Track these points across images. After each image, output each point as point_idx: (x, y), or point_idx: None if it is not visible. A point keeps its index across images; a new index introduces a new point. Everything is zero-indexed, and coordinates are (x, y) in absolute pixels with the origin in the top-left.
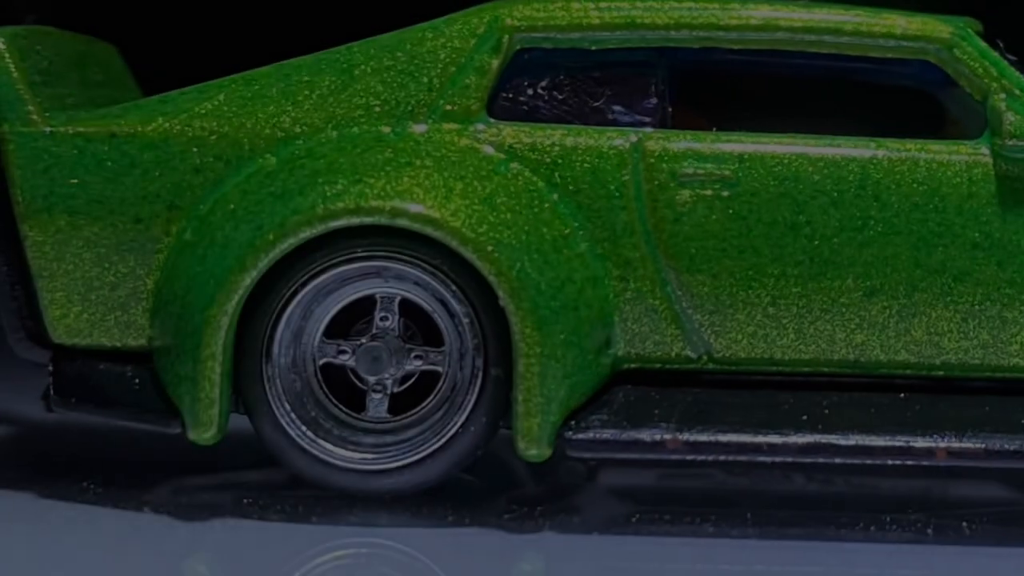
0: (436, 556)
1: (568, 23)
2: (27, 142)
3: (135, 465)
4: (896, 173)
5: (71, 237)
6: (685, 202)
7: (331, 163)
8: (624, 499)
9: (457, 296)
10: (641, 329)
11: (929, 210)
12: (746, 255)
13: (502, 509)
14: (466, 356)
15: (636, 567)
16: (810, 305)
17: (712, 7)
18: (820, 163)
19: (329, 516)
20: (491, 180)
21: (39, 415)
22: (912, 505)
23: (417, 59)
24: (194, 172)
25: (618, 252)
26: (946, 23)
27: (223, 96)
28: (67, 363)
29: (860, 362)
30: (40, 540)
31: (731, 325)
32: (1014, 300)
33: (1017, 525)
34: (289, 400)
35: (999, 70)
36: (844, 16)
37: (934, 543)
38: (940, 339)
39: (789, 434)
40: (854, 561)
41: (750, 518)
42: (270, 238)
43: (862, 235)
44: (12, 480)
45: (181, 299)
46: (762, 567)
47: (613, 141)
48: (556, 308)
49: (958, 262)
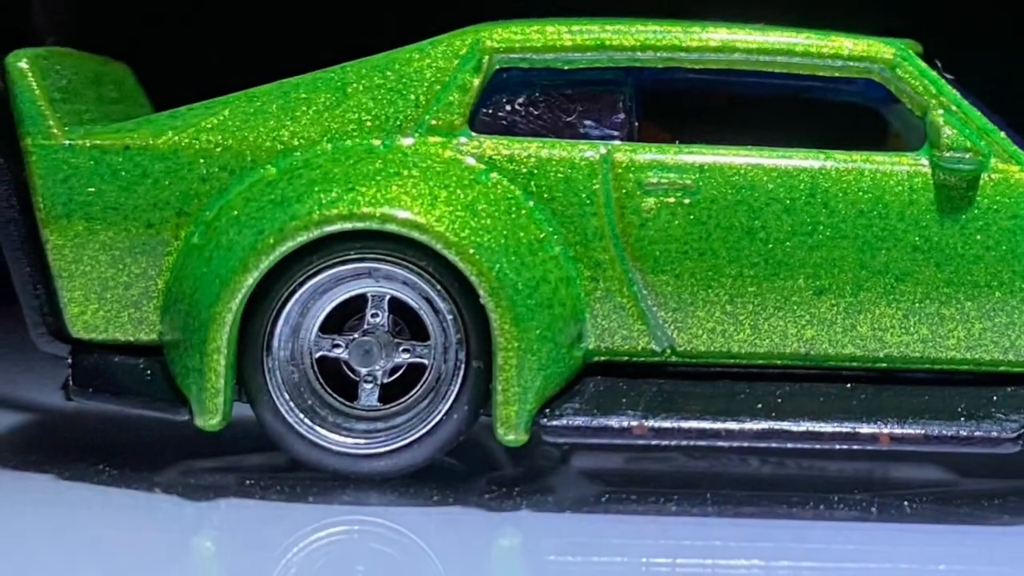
0: (422, 533)
1: (543, 45)
2: (48, 154)
3: (146, 449)
4: (843, 182)
5: (88, 241)
6: (650, 209)
7: (326, 173)
8: (594, 480)
9: (441, 295)
10: (610, 325)
11: (873, 216)
12: (706, 257)
13: (483, 489)
14: (449, 350)
15: (605, 542)
16: (764, 303)
17: (674, 30)
18: (773, 173)
19: (324, 496)
20: (473, 189)
21: (59, 404)
22: (857, 486)
23: (405, 78)
24: (201, 181)
25: (589, 254)
26: (889, 45)
27: (227, 111)
28: (85, 356)
29: (810, 355)
30: (59, 517)
31: (692, 321)
32: (951, 299)
33: (953, 504)
34: (288, 390)
35: (937, 88)
36: (795, 38)
37: (877, 521)
38: (883, 334)
39: (745, 421)
40: (804, 537)
41: (709, 498)
42: (270, 242)
43: (812, 239)
44: (35, 463)
45: (189, 298)
46: (720, 543)
47: (584, 153)
48: (532, 306)
49: (900, 264)
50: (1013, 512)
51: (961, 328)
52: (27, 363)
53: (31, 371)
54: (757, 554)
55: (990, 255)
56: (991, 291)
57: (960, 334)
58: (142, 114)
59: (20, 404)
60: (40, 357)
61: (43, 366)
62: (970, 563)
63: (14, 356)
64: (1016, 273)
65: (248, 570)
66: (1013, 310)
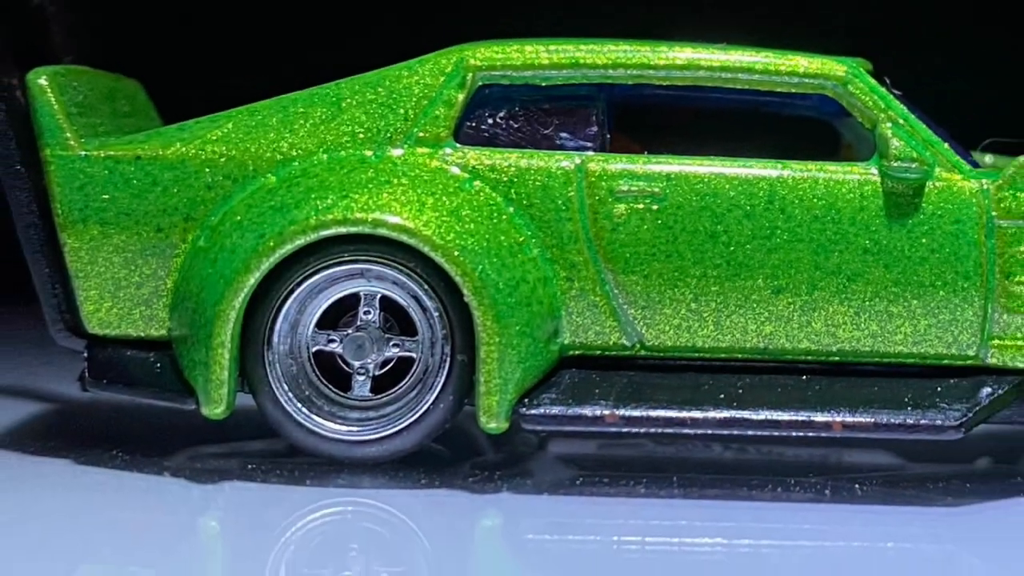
0: (411, 513)
1: (522, 63)
2: (65, 164)
3: (156, 436)
4: (799, 189)
5: (103, 244)
6: (621, 214)
7: (322, 181)
8: (570, 465)
9: (428, 294)
10: (584, 322)
11: (827, 221)
12: (672, 259)
13: (467, 473)
14: (436, 344)
15: (579, 522)
16: (726, 301)
17: (644, 49)
18: (735, 181)
19: (320, 479)
20: (457, 196)
21: (76, 394)
22: (812, 470)
23: (395, 93)
24: (206, 189)
25: (564, 256)
26: (841, 63)
27: (231, 124)
28: (99, 350)
29: (769, 349)
30: (76, 499)
31: (660, 318)
32: (899, 297)
33: (900, 487)
34: (287, 381)
35: (886, 103)
36: (755, 57)
37: (831, 502)
38: (836, 330)
39: (709, 410)
40: (763, 517)
41: (676, 481)
42: (271, 245)
43: (770, 242)
44: (53, 448)
45: (196, 296)
46: (685, 522)
47: (560, 163)
48: (512, 304)
49: (851, 265)
50: (956, 494)
51: (908, 324)
52: (46, 357)
53: (50, 364)
54: (720, 533)
55: (935, 257)
56: (936, 290)
57: (907, 330)
58: (152, 127)
59: (40, 394)
60: (58, 351)
61: (61, 359)
62: (916, 542)
63: (35, 350)
64: (959, 274)
65: (250, 548)
66: (956, 308)
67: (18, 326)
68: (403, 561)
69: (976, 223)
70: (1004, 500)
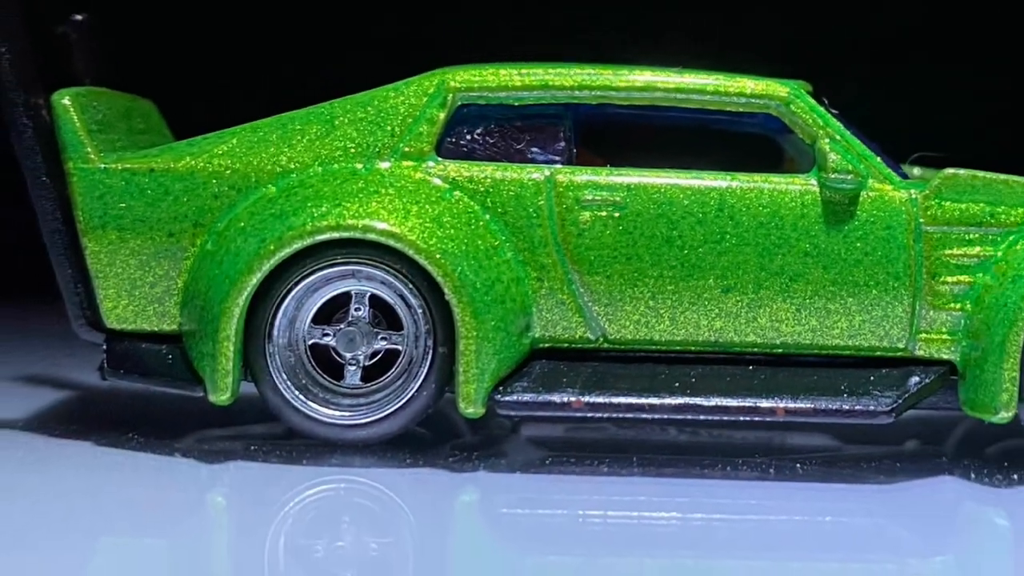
0: (397, 490)
1: (497, 85)
2: (86, 176)
3: (168, 421)
4: (746, 198)
5: (120, 248)
6: (586, 221)
7: (317, 191)
8: (540, 447)
9: (413, 292)
10: (553, 318)
11: (771, 227)
12: (632, 261)
13: (447, 454)
14: (420, 338)
15: (548, 498)
16: (681, 299)
17: (606, 72)
18: (688, 191)
19: (316, 459)
20: (439, 204)
21: (96, 383)
22: (758, 451)
23: (383, 112)
24: (213, 198)
25: (535, 259)
26: (784, 85)
27: (235, 140)
28: (117, 343)
29: (719, 342)
30: (96, 477)
31: (621, 314)
32: (836, 296)
33: (837, 467)
34: (285, 371)
35: (824, 121)
36: (706, 79)
37: (774, 480)
38: (779, 325)
39: (665, 397)
40: (714, 493)
41: (635, 461)
42: (271, 248)
43: (720, 246)
44: (75, 431)
45: (204, 295)
46: (644, 498)
47: (531, 175)
48: (488, 302)
49: (793, 266)
50: (887, 473)
51: (844, 320)
52: (69, 349)
53: (72, 356)
54: (675, 508)
55: (868, 259)
56: (869, 289)
57: (843, 325)
58: (164, 142)
59: (63, 383)
60: (80, 344)
61: (83, 352)
62: (851, 515)
63: (59, 343)
64: (890, 274)
65: (253, 521)
66: (887, 305)
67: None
68: (390, 533)
69: (905, 229)
70: (930, 478)
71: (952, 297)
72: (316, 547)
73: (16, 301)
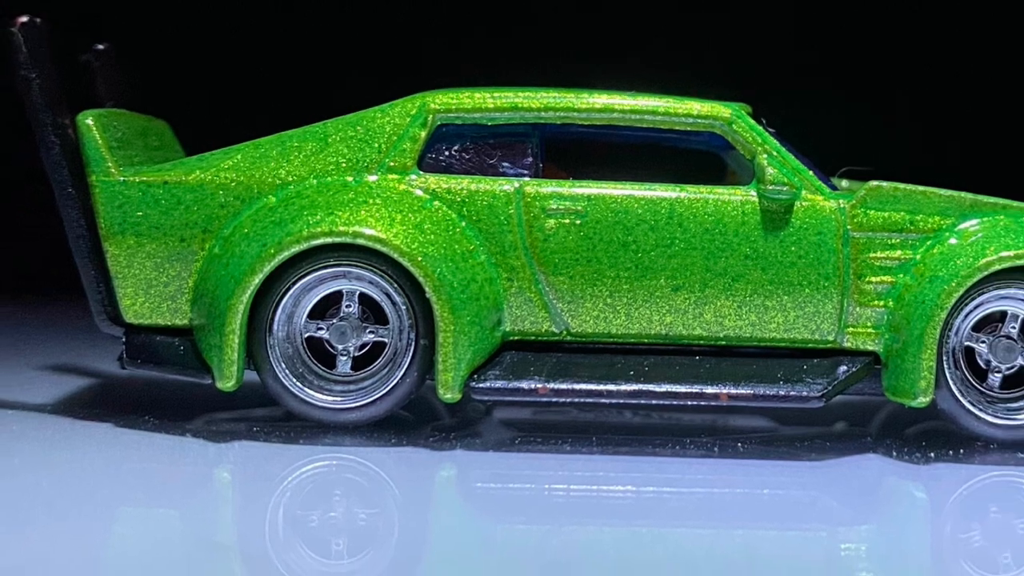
0: (383, 466)
1: (472, 107)
2: (107, 187)
3: (180, 405)
4: (693, 207)
5: (137, 251)
6: (551, 227)
7: (312, 201)
8: (510, 428)
9: (397, 291)
10: (521, 313)
11: (716, 233)
12: (592, 263)
13: (428, 434)
14: (404, 331)
15: (517, 472)
16: (635, 297)
17: (569, 96)
18: (642, 201)
19: (311, 439)
20: (420, 213)
21: (115, 371)
22: (704, 432)
23: (371, 131)
24: (220, 207)
25: (506, 261)
26: (727, 106)
27: (239, 156)
28: (134, 336)
29: (669, 335)
30: (116, 454)
31: (582, 310)
32: (773, 294)
33: (774, 446)
34: (284, 361)
35: (763, 139)
36: (658, 102)
37: (718, 457)
38: (723, 320)
39: (621, 384)
40: (665, 469)
41: (595, 441)
42: (271, 252)
43: (670, 250)
44: (97, 414)
45: (212, 293)
46: (603, 473)
47: (502, 186)
48: (464, 299)
49: (735, 268)
50: (818, 451)
51: (780, 315)
52: (92, 341)
53: (95, 347)
54: (630, 482)
55: (801, 262)
56: (802, 288)
57: (779, 320)
58: (177, 158)
59: (87, 372)
60: (102, 337)
61: (104, 343)
62: (787, 488)
63: (83, 336)
64: (820, 275)
65: (255, 493)
66: (818, 302)
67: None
68: (377, 504)
69: (835, 234)
70: (856, 456)
71: (876, 295)
72: (311, 517)
73: (45, 298)
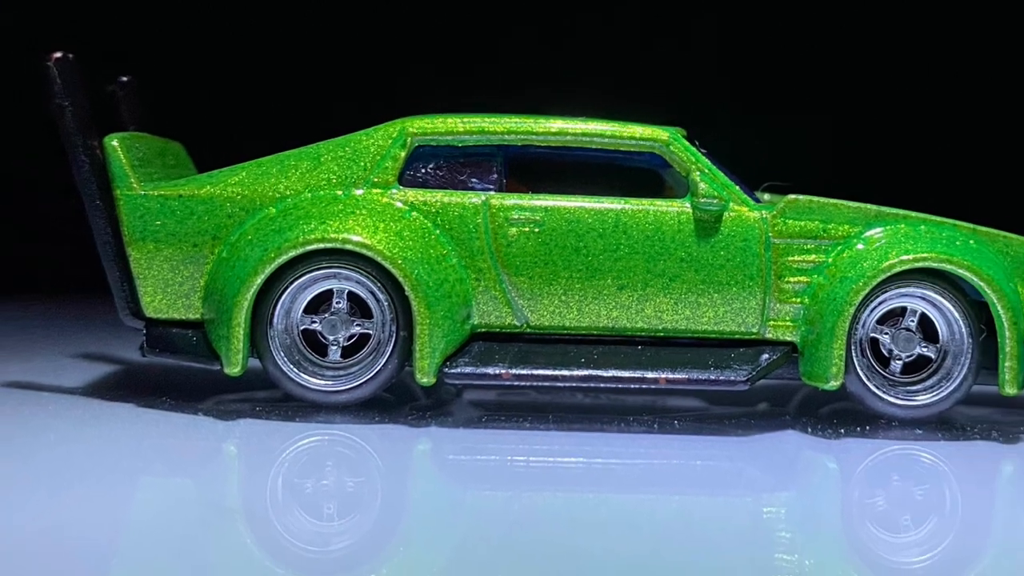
0: (368, 440)
1: (445, 130)
2: (130, 200)
3: (193, 388)
4: (636, 217)
5: (156, 256)
6: (513, 235)
7: (307, 212)
8: (477, 408)
9: (381, 289)
10: (488, 309)
11: (655, 239)
12: (548, 266)
13: (406, 413)
14: (386, 325)
15: (484, 446)
16: (586, 295)
17: (529, 121)
18: (592, 211)
19: (306, 417)
20: (400, 222)
21: (137, 359)
22: (645, 411)
23: (357, 151)
24: (227, 217)
25: (474, 264)
26: (665, 130)
27: (244, 173)
28: (154, 328)
29: (615, 328)
30: (137, 431)
31: (540, 307)
32: (705, 292)
33: (706, 423)
34: (283, 350)
35: (696, 158)
36: (606, 126)
37: (658, 433)
38: (662, 314)
39: (574, 370)
40: (611, 443)
41: (551, 419)
42: (272, 256)
43: (616, 254)
44: (120, 395)
45: (220, 292)
46: (558, 446)
47: (472, 199)
48: (438, 297)
49: (672, 270)
50: (744, 428)
51: (711, 311)
52: (117, 333)
53: (119, 338)
54: (581, 454)
55: (729, 264)
56: (730, 287)
57: (710, 314)
58: (190, 175)
59: (111, 359)
60: (125, 329)
61: (127, 335)
62: (717, 460)
63: (109, 328)
64: (746, 276)
65: (258, 464)
66: (744, 299)
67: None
68: (362, 473)
69: (758, 240)
70: (777, 432)
71: (794, 293)
72: (306, 484)
73: (75, 296)
